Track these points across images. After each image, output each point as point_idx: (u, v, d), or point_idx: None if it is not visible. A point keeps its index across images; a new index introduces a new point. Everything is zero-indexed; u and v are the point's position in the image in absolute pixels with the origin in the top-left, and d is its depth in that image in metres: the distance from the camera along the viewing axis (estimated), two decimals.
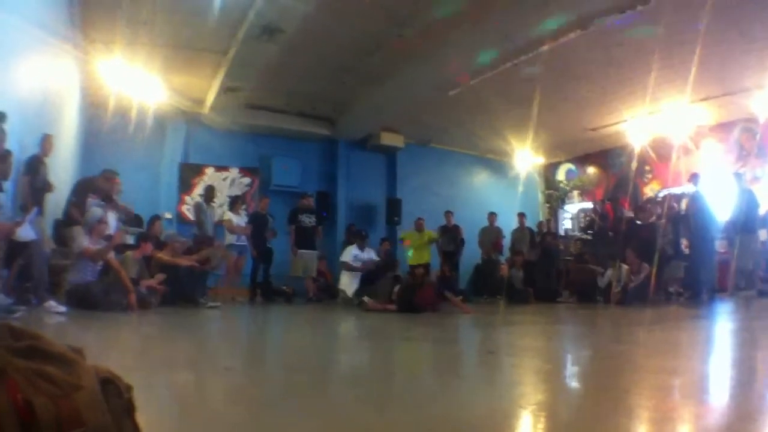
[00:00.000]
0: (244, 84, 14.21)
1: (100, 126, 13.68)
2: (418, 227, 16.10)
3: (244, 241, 13.55)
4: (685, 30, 10.46)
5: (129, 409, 1.64)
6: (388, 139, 18.52)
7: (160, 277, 9.92)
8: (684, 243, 12.97)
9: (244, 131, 17.42)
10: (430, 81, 13.83)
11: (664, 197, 13.98)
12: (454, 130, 18.52)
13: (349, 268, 12.36)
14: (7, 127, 6.77)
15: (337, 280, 14.53)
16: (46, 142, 8.70)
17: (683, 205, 13.21)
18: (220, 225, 13.64)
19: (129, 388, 1.68)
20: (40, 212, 8.58)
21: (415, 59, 12.64)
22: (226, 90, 14.44)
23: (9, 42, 7.55)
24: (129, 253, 9.92)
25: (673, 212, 13.22)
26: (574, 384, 3.70)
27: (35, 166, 8.46)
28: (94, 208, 9.58)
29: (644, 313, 10.23)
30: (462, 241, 16.61)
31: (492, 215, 17.04)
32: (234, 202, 14.03)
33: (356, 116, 17.13)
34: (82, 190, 10.39)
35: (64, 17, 10.66)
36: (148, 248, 10.31)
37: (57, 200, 10.17)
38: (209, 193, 14.07)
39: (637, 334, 7.30)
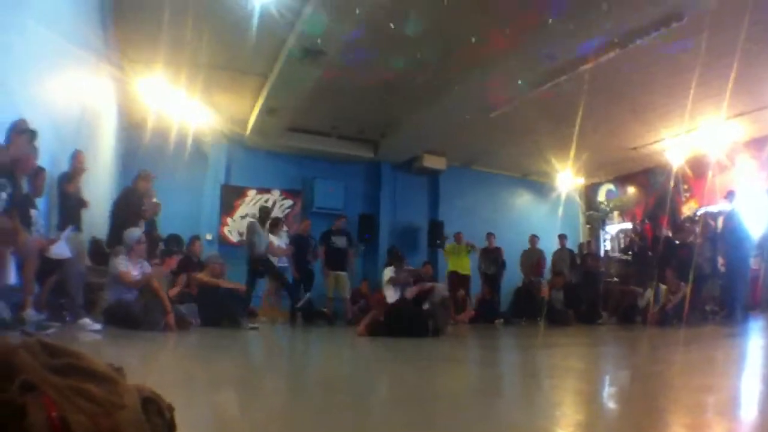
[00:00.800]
0: (286, 106, 14.25)
1: (138, 145, 13.77)
2: (457, 239, 16.44)
3: (285, 262, 13.62)
4: (720, 45, 10.40)
5: (170, 428, 1.66)
6: (431, 162, 18.54)
7: (175, 291, 10.01)
8: (720, 261, 12.87)
9: (286, 153, 17.58)
10: (473, 103, 13.86)
11: (701, 216, 13.89)
12: (496, 152, 18.50)
13: (392, 280, 12.45)
14: (39, 144, 6.86)
15: None
16: (76, 159, 8.70)
17: (719, 223, 13.11)
18: None
19: (170, 408, 1.69)
20: (77, 229, 8.55)
21: (457, 82, 12.68)
22: (268, 112, 14.49)
23: (45, 57, 7.62)
24: (156, 266, 9.96)
25: (710, 230, 13.13)
26: (612, 404, 3.71)
27: (63, 184, 8.52)
28: (133, 229, 9.63)
29: (681, 332, 10.20)
30: (503, 264, 16.59)
31: (534, 237, 17.03)
32: (274, 225, 14.05)
33: (399, 139, 17.15)
34: (131, 196, 10.41)
35: (101, 35, 10.78)
36: (173, 263, 10.40)
37: (95, 219, 10.23)
38: (264, 214, 14.04)
39: (675, 353, 7.28)
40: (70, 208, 8.61)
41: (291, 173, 17.95)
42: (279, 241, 13.80)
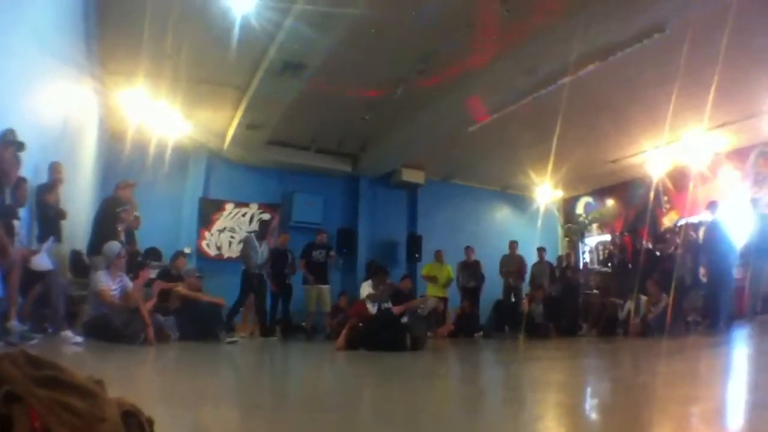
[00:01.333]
0: (266, 119, 14.26)
1: (119, 157, 13.71)
2: (438, 258, 16.30)
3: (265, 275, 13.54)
4: (702, 55, 10.43)
5: None
6: (410, 176, 18.61)
7: (152, 302, 9.90)
8: (702, 272, 12.90)
9: (265, 166, 17.58)
10: (452, 117, 13.94)
11: (682, 227, 13.92)
12: (475, 166, 18.57)
13: (370, 297, 12.38)
14: (23, 155, 6.83)
15: None
16: (54, 170, 8.66)
17: (700, 233, 13.14)
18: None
19: (150, 422, 1.72)
20: (57, 240, 8.56)
21: (436, 96, 12.73)
22: (247, 125, 14.50)
23: (28, 69, 7.61)
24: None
25: (691, 241, 13.16)
26: (595, 416, 3.71)
27: (42, 195, 8.46)
28: (113, 243, 9.58)
29: (664, 343, 10.24)
30: (482, 277, 16.58)
31: (513, 243, 16.99)
32: (260, 238, 13.98)
33: (378, 153, 17.19)
34: (110, 206, 10.36)
35: (83, 48, 10.76)
36: (147, 275, 10.33)
37: (75, 231, 10.23)
38: (263, 229, 14.21)
39: (658, 364, 7.29)
40: (50, 218, 8.59)
41: (270, 187, 17.94)
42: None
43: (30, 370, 1.51)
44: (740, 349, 9.08)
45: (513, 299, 16.31)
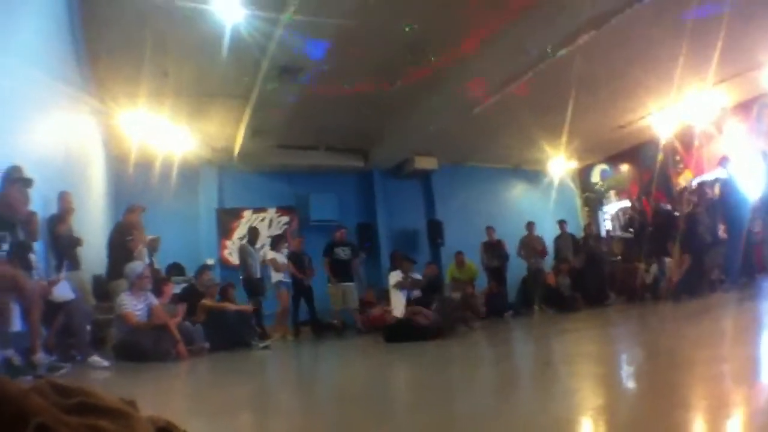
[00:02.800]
0: (271, 125, 14.30)
1: (127, 178, 13.79)
2: (459, 263, 16.14)
3: (288, 277, 13.57)
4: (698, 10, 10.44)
5: None
6: (422, 163, 18.50)
7: (176, 321, 9.89)
8: (721, 228, 12.81)
9: (277, 171, 17.59)
10: (455, 102, 13.87)
11: (698, 185, 13.82)
12: (485, 146, 18.48)
13: (399, 285, 12.35)
14: (31, 190, 6.82)
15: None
16: (63, 200, 8.61)
17: (716, 190, 13.05)
18: (264, 265, 13.77)
19: None
20: (74, 268, 8.60)
21: (436, 83, 12.71)
22: (253, 133, 14.51)
23: (29, 98, 7.61)
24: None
25: (708, 199, 13.07)
26: (630, 384, 3.70)
27: (54, 225, 8.46)
28: (135, 263, 9.60)
29: (690, 304, 10.19)
30: (506, 256, 16.59)
31: (531, 224, 16.93)
32: (276, 242, 14.23)
33: (388, 145, 17.20)
34: (122, 230, 10.46)
35: (83, 73, 10.81)
36: (170, 290, 10.39)
37: (93, 256, 10.17)
38: (253, 234, 14.23)
39: (686, 327, 7.31)
40: (65, 248, 8.54)
41: (284, 190, 17.94)
42: (282, 257, 13.84)
43: (58, 399, 1.52)
44: (763, 304, 9.07)
45: (537, 275, 16.23)
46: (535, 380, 4.53)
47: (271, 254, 13.71)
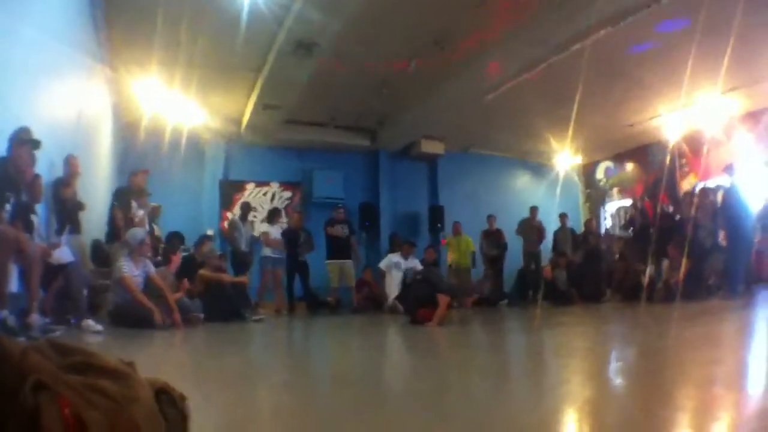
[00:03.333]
0: (282, 99, 14.23)
1: (134, 146, 13.86)
2: (455, 231, 16.46)
3: (279, 253, 13.68)
4: (715, 18, 10.36)
5: (184, 418, 1.71)
6: (429, 147, 18.51)
7: (186, 285, 10.00)
8: (722, 235, 12.82)
9: (284, 146, 17.59)
10: (468, 88, 13.89)
11: (701, 190, 13.82)
12: (493, 135, 18.45)
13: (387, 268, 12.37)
14: (37, 152, 6.80)
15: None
16: (70, 164, 8.60)
17: (719, 197, 13.06)
18: (257, 240, 13.87)
19: (183, 398, 1.74)
20: (75, 232, 8.61)
21: (452, 68, 12.68)
22: (263, 107, 14.48)
23: (40, 62, 7.57)
24: (162, 268, 10.04)
25: (710, 205, 13.08)
26: (619, 380, 3.75)
27: (59, 189, 8.47)
28: (135, 229, 9.66)
29: (686, 308, 10.21)
30: (505, 246, 16.62)
31: (534, 208, 16.91)
32: (272, 215, 14.28)
33: (397, 127, 17.16)
34: (123, 195, 10.56)
35: (95, 38, 10.83)
36: (177, 260, 10.43)
37: (95, 220, 10.24)
38: (245, 209, 14.38)
39: (680, 329, 7.31)
40: (68, 212, 8.55)
41: (289, 165, 17.96)
42: (276, 232, 13.96)
43: (58, 358, 1.55)
44: (760, 312, 9.10)
45: (533, 266, 16.26)
46: (525, 370, 4.56)
47: (264, 227, 13.84)
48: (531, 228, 16.73)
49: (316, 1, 9.71)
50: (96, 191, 10.96)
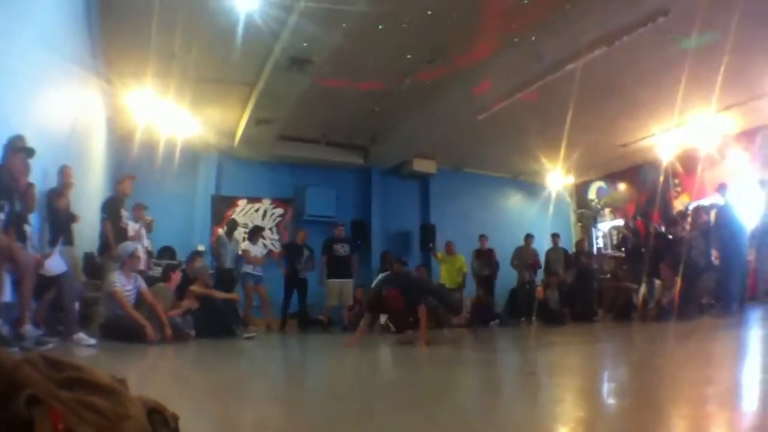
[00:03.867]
0: (276, 115, 14.20)
1: (128, 158, 13.79)
2: (448, 250, 16.43)
3: (260, 271, 13.80)
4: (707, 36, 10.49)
5: None
6: (421, 166, 18.53)
7: (188, 303, 10.03)
8: (714, 254, 12.84)
9: (276, 162, 17.55)
10: (461, 106, 13.88)
11: (694, 209, 13.86)
12: (486, 154, 18.45)
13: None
14: (32, 161, 6.78)
15: None
16: (64, 174, 8.56)
17: (712, 216, 13.09)
18: (242, 257, 13.90)
19: (175, 418, 1.74)
20: (68, 243, 8.54)
21: (444, 86, 12.70)
22: (257, 122, 14.45)
23: (35, 72, 7.52)
24: (161, 284, 9.99)
25: (703, 224, 13.10)
26: (612, 399, 3.74)
27: (52, 199, 8.43)
28: (127, 243, 9.65)
29: (678, 326, 10.23)
30: (497, 265, 16.62)
31: (529, 237, 16.99)
32: (253, 233, 14.36)
33: (389, 144, 17.13)
34: (112, 205, 10.51)
35: (90, 49, 10.80)
36: (177, 277, 10.40)
37: (87, 232, 10.18)
38: (231, 226, 14.34)
39: (672, 347, 7.35)
40: (61, 222, 8.50)
41: (282, 182, 17.93)
42: (256, 249, 14.10)
43: (51, 372, 1.54)
44: (753, 330, 9.10)
45: (527, 287, 16.25)
46: (518, 389, 4.55)
47: (245, 245, 13.93)
48: (525, 256, 16.75)
49: (312, 16, 9.69)
50: (89, 203, 10.88)
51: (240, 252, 13.80)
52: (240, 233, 14.84)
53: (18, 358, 1.51)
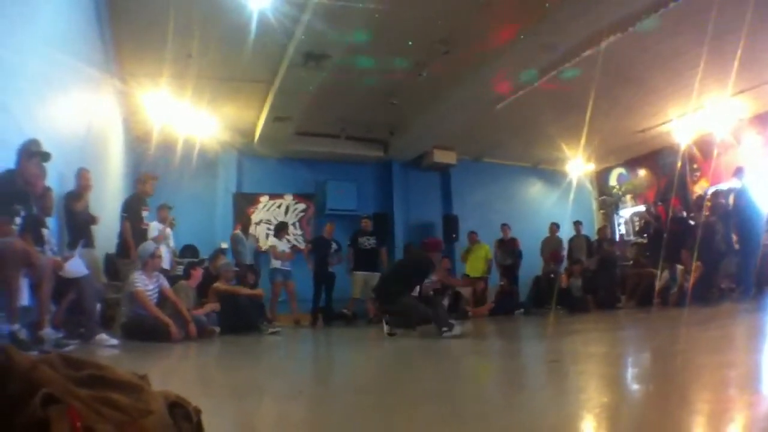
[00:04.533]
0: (293, 111, 14.21)
1: (146, 159, 13.93)
2: (472, 240, 16.45)
3: (288, 266, 13.87)
4: (723, 21, 10.34)
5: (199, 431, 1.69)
6: (441, 157, 18.47)
7: (211, 306, 10.06)
8: (734, 238, 12.75)
9: (296, 158, 17.60)
10: (478, 96, 13.82)
11: (713, 194, 13.76)
12: (505, 143, 18.45)
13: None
14: (47, 165, 6.77)
15: None
16: (81, 177, 8.59)
17: (731, 200, 12.99)
18: (264, 253, 14.02)
19: (198, 411, 1.73)
20: (88, 245, 8.55)
21: (461, 76, 12.66)
22: (275, 119, 14.47)
23: (50, 76, 7.55)
24: (183, 282, 10.01)
25: (722, 208, 13.02)
26: (636, 385, 3.73)
27: (70, 202, 8.47)
28: (147, 243, 9.65)
29: (700, 311, 10.17)
30: (520, 254, 16.61)
31: (554, 226, 16.95)
32: (279, 229, 14.45)
33: (408, 137, 17.12)
34: (132, 204, 10.54)
35: (105, 51, 10.84)
36: (198, 274, 10.42)
37: (107, 234, 10.19)
38: (245, 224, 14.77)
39: (694, 333, 7.30)
40: (80, 225, 8.54)
41: (302, 177, 17.98)
42: (283, 245, 14.20)
43: (69, 372, 1.54)
44: None
45: (552, 275, 16.20)
46: (542, 377, 4.54)
47: (272, 241, 14.02)
48: (551, 245, 16.79)
49: (325, 12, 9.68)
50: (108, 204, 10.92)
51: (263, 247, 13.83)
52: (263, 229, 14.91)
53: (35, 358, 1.51)
